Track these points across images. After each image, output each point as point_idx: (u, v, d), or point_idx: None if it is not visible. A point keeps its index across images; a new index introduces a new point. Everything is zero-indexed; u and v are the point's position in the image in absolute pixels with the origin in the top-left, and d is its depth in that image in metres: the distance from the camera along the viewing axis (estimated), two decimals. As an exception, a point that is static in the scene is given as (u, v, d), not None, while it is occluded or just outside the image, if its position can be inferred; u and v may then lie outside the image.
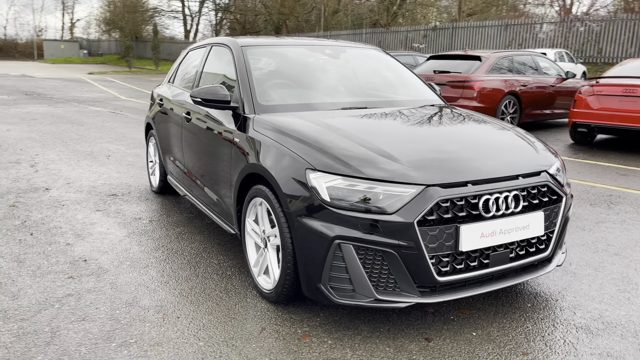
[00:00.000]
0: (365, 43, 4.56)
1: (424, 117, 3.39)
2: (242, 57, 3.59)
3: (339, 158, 2.56)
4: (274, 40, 4.02)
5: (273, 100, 3.38)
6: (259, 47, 3.75)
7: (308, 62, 3.80)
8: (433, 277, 2.46)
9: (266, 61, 3.73)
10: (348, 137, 2.76)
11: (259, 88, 3.39)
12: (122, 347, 2.43)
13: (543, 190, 2.75)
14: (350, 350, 2.45)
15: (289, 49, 3.86)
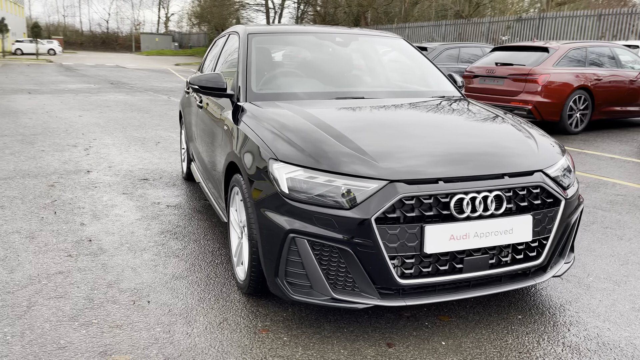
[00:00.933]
0: (391, 32, 4.35)
1: (419, 109, 3.19)
2: (246, 44, 3.55)
3: (303, 149, 2.45)
4: (284, 27, 3.96)
5: (267, 88, 3.32)
6: (265, 35, 3.69)
7: (313, 50, 3.70)
8: (394, 279, 2.29)
9: (271, 49, 3.67)
10: (322, 128, 2.63)
11: (256, 76, 3.34)
12: (82, 327, 2.49)
13: (535, 192, 2.48)
14: (302, 349, 2.35)
15: (296, 37, 3.77)
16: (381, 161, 2.36)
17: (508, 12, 33.67)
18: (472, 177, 2.39)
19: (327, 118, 2.79)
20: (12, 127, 8.38)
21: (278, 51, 3.68)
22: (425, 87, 3.67)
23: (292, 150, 2.47)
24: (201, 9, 52.59)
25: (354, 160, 2.37)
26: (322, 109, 2.99)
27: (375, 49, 3.94)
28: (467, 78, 9.58)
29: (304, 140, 2.53)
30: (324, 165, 2.35)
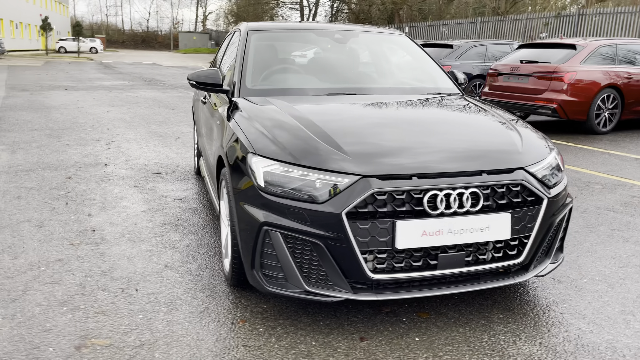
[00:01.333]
0: (393, 29, 4.33)
1: (408, 105, 3.18)
2: (244, 41, 3.62)
3: (280, 144, 2.49)
4: (284, 24, 4.00)
5: (261, 84, 3.37)
6: (264, 32, 3.75)
7: (310, 47, 3.73)
8: (365, 274, 2.31)
9: (269, 46, 3.72)
10: (304, 124, 2.66)
11: (251, 72, 3.40)
12: (70, 312, 2.60)
13: (515, 190, 2.45)
14: (274, 340, 2.39)
15: (295, 34, 3.81)
16: (355, 157, 2.38)
17: (547, 9, 32.80)
18: (447, 174, 2.38)
19: (311, 114, 2.82)
20: (43, 121, 8.71)
21: (276, 48, 3.72)
22: (421, 84, 3.66)
23: (270, 144, 2.51)
24: (237, 7, 53.28)
25: (329, 155, 2.40)
26: (309, 105, 3.02)
27: (374, 46, 3.94)
28: (491, 76, 9.43)
29: (283, 135, 2.57)
30: (298, 159, 2.39)
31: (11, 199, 4.46)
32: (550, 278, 3.09)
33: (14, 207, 4.24)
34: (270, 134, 2.59)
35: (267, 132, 2.60)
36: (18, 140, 7.09)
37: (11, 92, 13.32)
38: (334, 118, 2.88)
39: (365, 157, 2.39)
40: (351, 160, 2.36)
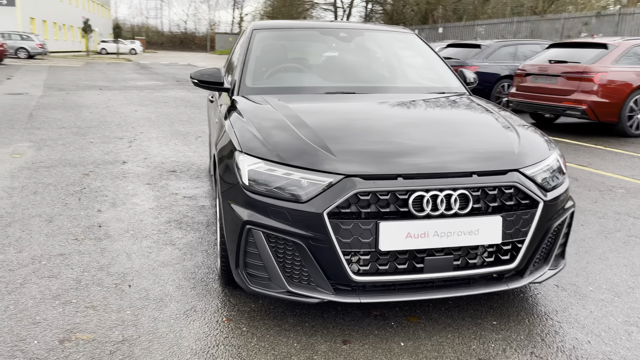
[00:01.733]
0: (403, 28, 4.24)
1: (405, 105, 3.12)
2: (248, 40, 3.62)
3: (267, 142, 2.47)
4: (289, 23, 3.98)
5: (261, 83, 3.36)
6: (268, 31, 3.74)
7: (312, 46, 3.70)
8: (347, 275, 2.26)
9: (273, 44, 3.70)
10: (293, 123, 2.63)
11: (252, 70, 3.39)
12: (61, 305, 2.64)
13: (508, 193, 2.36)
14: (256, 340, 2.37)
15: (300, 32, 3.79)
16: (340, 156, 2.33)
17: (587, 8, 31.80)
18: (435, 175, 2.31)
19: (303, 113, 2.79)
20: (72, 120, 8.96)
21: (279, 47, 3.71)
22: (425, 83, 3.58)
23: (257, 143, 2.49)
24: (272, 8, 53.70)
25: (314, 154, 2.36)
26: (304, 104, 2.99)
27: (380, 45, 3.87)
28: (519, 76, 9.19)
29: (271, 134, 2.54)
30: (283, 158, 2.36)
31: (28, 194, 4.58)
32: (554, 285, 2.97)
33: (29, 202, 4.35)
34: (259, 132, 2.56)
35: (256, 131, 2.58)
36: (45, 137, 7.30)
37: (48, 91, 13.75)
38: (325, 117, 2.83)
39: (350, 157, 2.34)
40: (335, 160, 2.31)
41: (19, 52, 31.63)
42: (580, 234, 3.84)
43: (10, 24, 36.69)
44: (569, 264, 3.27)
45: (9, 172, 5.32)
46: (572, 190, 5.09)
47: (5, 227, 3.73)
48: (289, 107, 2.88)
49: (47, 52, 34.60)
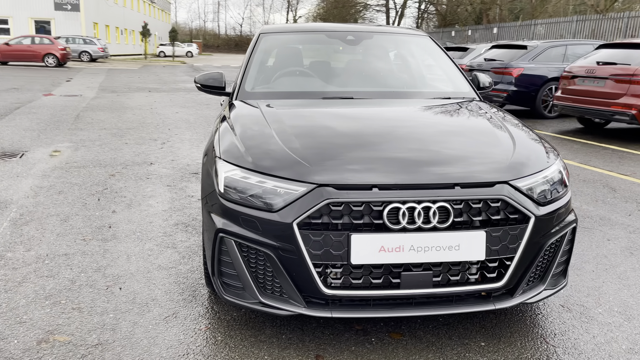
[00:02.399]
0: (416, 29, 4.09)
1: (400, 111, 3.00)
2: (254, 44, 3.59)
3: (244, 149, 2.42)
4: (296, 26, 3.93)
5: (260, 87, 3.33)
6: (275, 34, 3.70)
7: (317, 49, 3.63)
8: (318, 289, 2.17)
9: (278, 48, 3.66)
10: (276, 129, 2.56)
11: (253, 75, 3.36)
12: (49, 306, 2.69)
13: (495, 206, 2.20)
14: (227, 350, 2.32)
15: (306, 36, 3.72)
16: (315, 165, 2.25)
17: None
18: (414, 186, 2.18)
19: (289, 119, 2.72)
20: (114, 121, 9.27)
21: (284, 50, 3.66)
22: (430, 88, 3.43)
23: (235, 149, 2.44)
24: (323, 10, 53.90)
25: (289, 162, 2.29)
26: (294, 110, 2.93)
27: (387, 48, 3.75)
28: (565, 79, 8.74)
29: (251, 141, 2.49)
30: (258, 166, 2.30)
31: (53, 193, 4.75)
32: (559, 305, 2.77)
33: (51, 201, 4.51)
34: (241, 139, 2.52)
35: (238, 137, 2.54)
36: (85, 138, 7.58)
37: (101, 93, 14.32)
38: (310, 124, 2.76)
39: (325, 166, 2.25)
40: (309, 169, 2.23)
41: (82, 55, 33.18)
42: (603, 249, 3.58)
43: (75, 28, 38.61)
44: (582, 283, 3.04)
45: (42, 171, 5.54)
46: (606, 201, 4.77)
47: (22, 226, 3.87)
48: (277, 113, 2.83)
49: (108, 55, 36.12)
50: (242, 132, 2.59)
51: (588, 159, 6.72)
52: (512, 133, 2.63)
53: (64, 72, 22.61)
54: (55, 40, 27.59)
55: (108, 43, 41.02)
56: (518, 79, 10.24)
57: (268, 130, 2.57)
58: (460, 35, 32.38)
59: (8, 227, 3.83)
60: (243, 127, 2.65)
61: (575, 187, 5.28)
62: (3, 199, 4.53)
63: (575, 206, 4.59)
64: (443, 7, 39.81)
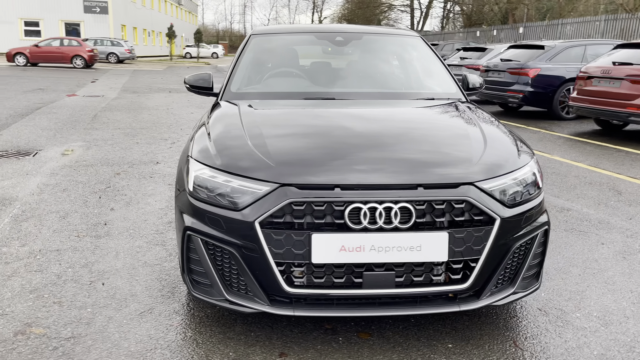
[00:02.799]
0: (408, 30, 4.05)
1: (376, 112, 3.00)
2: (244, 45, 3.64)
3: (214, 149, 2.45)
4: (289, 27, 3.95)
5: (245, 88, 3.37)
6: (264, 36, 3.73)
7: (305, 50, 3.65)
8: (281, 287, 2.20)
9: (266, 49, 3.69)
10: (248, 129, 2.59)
11: (239, 75, 3.41)
12: (33, 299, 2.77)
13: (459, 207, 2.19)
14: (194, 346, 2.36)
15: (294, 37, 3.75)
16: (280, 165, 2.27)
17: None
18: (376, 186, 2.19)
19: (264, 119, 2.76)
20: (130, 121, 9.46)
21: (272, 51, 3.69)
22: (414, 89, 3.42)
23: (206, 149, 2.48)
24: (347, 11, 53.89)
25: (255, 162, 2.32)
26: (272, 110, 2.98)
27: (375, 49, 3.74)
28: (580, 80, 8.57)
29: (222, 140, 2.53)
30: (225, 165, 2.34)
31: (57, 191, 4.88)
32: (537, 308, 2.73)
33: (55, 198, 4.64)
34: (213, 139, 2.56)
35: (211, 137, 2.58)
36: (98, 137, 7.76)
37: (122, 93, 14.62)
38: (282, 124, 2.78)
39: (289, 166, 2.27)
40: (274, 168, 2.26)
41: (109, 57, 33.90)
42: (594, 253, 3.50)
43: (103, 30, 39.47)
44: (565, 287, 2.99)
45: (51, 169, 5.70)
46: (609, 204, 4.67)
47: (22, 222, 4.00)
48: (254, 113, 2.86)
49: (135, 57, 36.81)
50: (216, 132, 2.63)
51: (599, 161, 6.57)
52: (485, 134, 2.61)
53: (90, 74, 23.13)
54: (83, 43, 28.27)
55: (135, 45, 41.83)
56: (535, 79, 10.07)
57: (240, 130, 2.60)
58: (485, 35, 31.96)
59: (8, 223, 3.95)
60: (217, 128, 2.69)
61: (579, 190, 5.18)
62: (9, 195, 4.68)
63: (575, 209, 4.51)
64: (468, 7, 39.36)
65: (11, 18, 38.38)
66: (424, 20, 44.42)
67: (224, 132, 2.62)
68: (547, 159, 6.71)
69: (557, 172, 5.93)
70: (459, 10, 41.87)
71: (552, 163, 6.45)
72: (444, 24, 43.47)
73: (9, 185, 5.02)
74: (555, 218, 4.24)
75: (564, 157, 6.83)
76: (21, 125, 8.56)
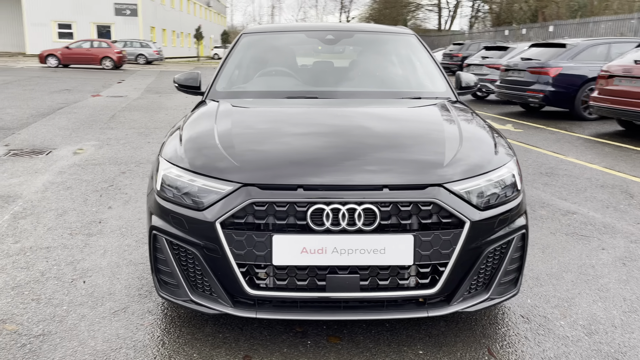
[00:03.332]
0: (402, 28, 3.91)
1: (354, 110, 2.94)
2: (234, 44, 3.62)
3: (185, 148, 2.43)
4: (280, 26, 3.91)
5: (229, 87, 3.35)
6: (255, 35, 3.71)
7: (294, 49, 3.60)
8: (242, 289, 2.16)
9: (255, 48, 3.66)
10: (220, 129, 2.56)
11: (226, 75, 3.39)
12: (13, 296, 2.80)
13: (426, 210, 2.11)
14: (159, 347, 2.34)
15: (284, 35, 3.71)
16: (244, 164, 2.24)
17: None
18: (340, 187, 2.13)
19: (238, 118, 2.74)
20: (145, 121, 9.58)
21: (261, 50, 3.65)
22: (402, 88, 3.32)
23: (174, 148, 2.47)
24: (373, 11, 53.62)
25: (220, 162, 2.28)
26: (249, 109, 2.96)
27: (366, 47, 3.67)
28: (602, 79, 8.29)
29: (192, 139, 2.51)
30: (191, 165, 2.31)
31: (61, 189, 4.96)
32: (520, 315, 2.62)
33: (57, 196, 4.71)
34: (184, 138, 2.54)
35: (183, 137, 2.56)
36: (112, 137, 7.87)
37: (145, 94, 14.84)
38: (255, 124, 2.74)
39: (252, 165, 2.23)
40: (237, 168, 2.22)
41: (138, 58, 34.51)
42: (592, 259, 3.36)
43: (133, 32, 40.24)
44: (554, 293, 2.87)
45: (60, 168, 5.80)
46: (619, 207, 4.48)
47: (20, 219, 4.06)
48: (231, 112, 2.83)
49: (163, 58, 37.38)
50: (188, 132, 2.61)
51: (615, 163, 6.33)
52: (462, 134, 2.51)
53: (118, 74, 23.57)
54: (112, 44, 28.84)
55: (164, 46, 42.51)
56: (556, 78, 9.80)
57: (212, 130, 2.57)
58: (514, 34, 31.33)
59: (7, 221, 4.02)
60: (190, 127, 2.67)
61: (589, 192, 4.99)
62: (14, 193, 4.77)
63: (580, 212, 4.34)
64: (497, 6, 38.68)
65: (45, 20, 39.49)
66: (452, 20, 43.85)
67: (195, 132, 2.60)
68: (560, 160, 6.50)
69: (568, 174, 5.73)
70: (488, 9, 41.20)
71: (564, 164, 6.24)
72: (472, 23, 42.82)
73: (17, 182, 5.13)
74: (558, 221, 4.09)
75: (578, 158, 6.61)
76: (40, 125, 8.76)
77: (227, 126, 2.59)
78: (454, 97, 3.25)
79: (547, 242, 3.64)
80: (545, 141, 7.86)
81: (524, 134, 8.61)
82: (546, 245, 3.58)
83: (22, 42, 41.63)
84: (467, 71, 13.87)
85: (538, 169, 6.01)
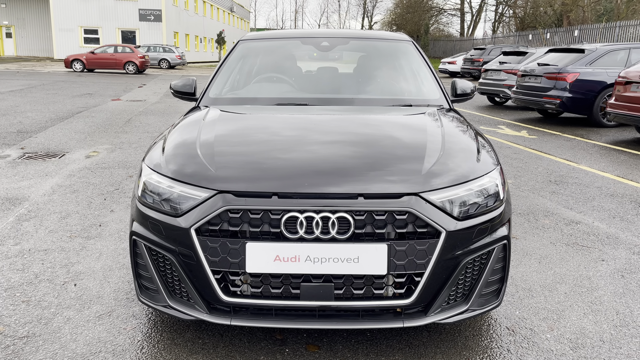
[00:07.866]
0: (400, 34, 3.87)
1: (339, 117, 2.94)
2: (230, 51, 3.65)
3: (166, 155, 2.45)
4: (277, 33, 3.93)
5: (222, 93, 3.38)
6: (252, 42, 3.73)
7: (290, 56, 3.61)
8: (217, 295, 2.16)
9: (251, 55, 3.68)
10: (203, 136, 2.57)
11: (221, 81, 3.42)
12: (5, 297, 2.85)
13: (402, 219, 2.09)
14: (138, 351, 2.35)
15: (280, 42, 3.72)
16: (219, 171, 2.24)
17: None
18: (315, 195, 2.12)
19: (222, 125, 2.76)
20: (159, 125, 9.70)
21: (256, 57, 3.67)
22: (394, 95, 3.30)
23: (157, 154, 2.49)
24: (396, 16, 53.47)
25: (197, 169, 2.29)
26: (236, 115, 2.99)
27: (362, 54, 3.65)
28: (619, 85, 8.11)
29: (174, 146, 2.53)
30: (170, 171, 2.33)
31: (68, 192, 5.05)
32: (506, 327, 2.57)
33: (62, 199, 4.79)
34: (167, 144, 2.56)
35: (166, 143, 2.58)
36: (125, 140, 7.99)
37: (163, 98, 15.04)
38: (237, 131, 2.74)
39: (228, 172, 2.24)
40: (213, 175, 2.23)
41: (161, 63, 35.01)
42: (590, 270, 3.28)
43: (157, 37, 40.92)
44: (544, 305, 2.80)
45: (70, 171, 5.91)
46: (626, 218, 4.37)
47: (23, 221, 4.15)
48: (218, 119, 2.85)
49: (186, 63, 37.87)
50: (172, 138, 2.63)
51: (629, 171, 6.18)
52: (445, 143, 2.47)
53: (140, 79, 23.95)
54: (135, 49, 29.31)
55: (187, 51, 43.08)
56: (573, 84, 9.62)
57: (194, 137, 2.58)
58: (538, 39, 30.90)
59: (10, 223, 4.11)
60: (175, 134, 2.69)
61: (597, 201, 4.87)
62: (22, 195, 4.87)
63: (585, 222, 4.24)
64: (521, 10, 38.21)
65: (72, 26, 40.43)
66: (475, 24, 43.46)
67: (178, 139, 2.62)
68: (571, 168, 6.37)
69: (578, 183, 5.61)
70: (512, 14, 40.72)
71: (575, 172, 6.12)
72: (496, 28, 42.37)
73: (26, 185, 5.24)
74: (560, 231, 4.01)
75: (591, 166, 6.47)
76: (57, 128, 8.95)
77: (210, 133, 2.60)
78: (447, 105, 3.21)
79: (545, 253, 3.57)
80: (559, 148, 7.72)
81: (538, 140, 8.46)
82: (544, 256, 3.50)
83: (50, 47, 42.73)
84: (484, 76, 13.70)
85: (547, 177, 5.90)
